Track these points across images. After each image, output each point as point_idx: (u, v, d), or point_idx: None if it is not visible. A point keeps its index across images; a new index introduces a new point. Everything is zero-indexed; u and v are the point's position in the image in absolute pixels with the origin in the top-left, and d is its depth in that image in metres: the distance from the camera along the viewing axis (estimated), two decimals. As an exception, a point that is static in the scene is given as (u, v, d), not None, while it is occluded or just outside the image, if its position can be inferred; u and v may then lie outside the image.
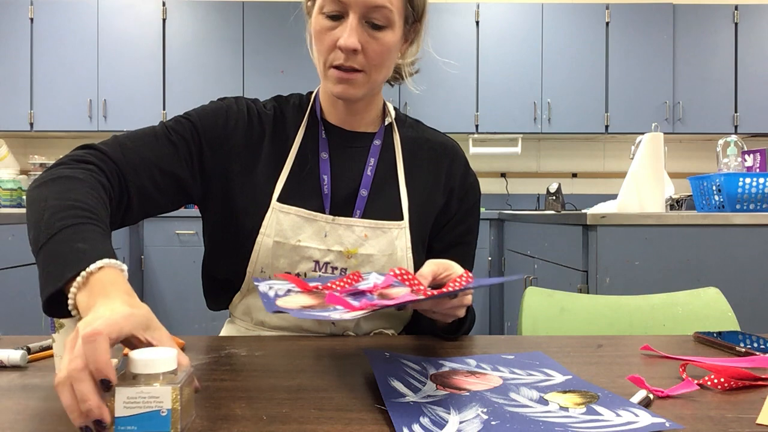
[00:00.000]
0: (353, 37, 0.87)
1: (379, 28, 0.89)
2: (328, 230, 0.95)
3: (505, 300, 3.58)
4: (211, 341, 0.86)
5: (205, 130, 0.95)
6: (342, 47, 0.87)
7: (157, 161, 0.89)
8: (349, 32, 0.87)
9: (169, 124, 0.94)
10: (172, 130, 0.92)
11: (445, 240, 1.05)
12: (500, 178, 4.50)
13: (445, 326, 0.89)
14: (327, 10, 0.88)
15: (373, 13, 0.88)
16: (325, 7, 0.89)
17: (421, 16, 0.97)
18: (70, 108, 4.00)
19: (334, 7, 0.88)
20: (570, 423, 0.52)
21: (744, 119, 4.09)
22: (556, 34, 4.09)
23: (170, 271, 3.55)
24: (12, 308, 2.23)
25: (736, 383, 0.65)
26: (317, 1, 0.90)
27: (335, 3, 0.87)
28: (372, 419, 0.55)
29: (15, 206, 3.63)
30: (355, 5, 0.87)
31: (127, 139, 0.89)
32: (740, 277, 1.87)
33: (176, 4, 4.05)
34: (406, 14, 0.93)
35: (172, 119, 0.95)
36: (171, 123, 0.94)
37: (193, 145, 0.93)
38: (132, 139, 0.89)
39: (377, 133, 1.03)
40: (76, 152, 0.84)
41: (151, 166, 0.88)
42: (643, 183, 2.14)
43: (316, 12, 0.91)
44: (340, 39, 0.87)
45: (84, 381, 0.48)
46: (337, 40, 0.88)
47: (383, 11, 0.88)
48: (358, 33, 0.88)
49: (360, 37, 0.88)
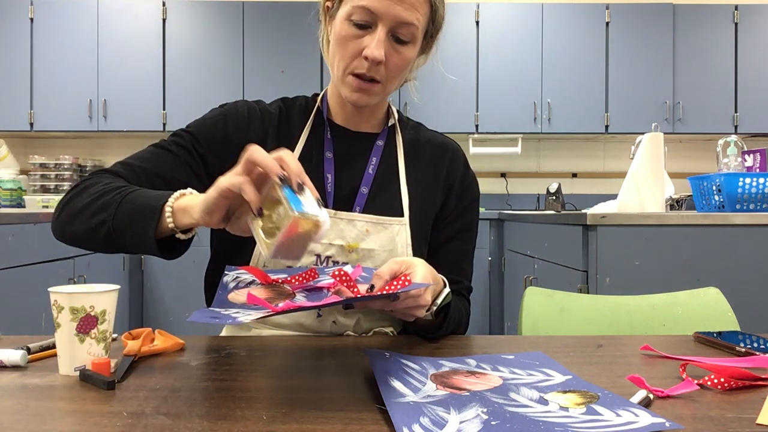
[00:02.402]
0: (380, 49, 0.89)
1: (402, 43, 0.91)
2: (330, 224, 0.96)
3: (505, 300, 3.58)
4: (211, 341, 0.86)
5: (205, 138, 0.97)
6: (369, 57, 0.89)
7: (155, 169, 0.92)
8: (376, 44, 0.88)
9: (168, 138, 0.98)
10: (171, 143, 0.96)
11: (442, 236, 1.05)
12: (500, 178, 4.50)
13: (424, 325, 0.90)
14: (356, 18, 0.89)
15: (401, 28, 0.90)
16: (354, 15, 0.89)
17: (438, 31, 0.99)
18: (70, 108, 4.00)
19: (364, 17, 0.89)
20: (570, 423, 0.52)
21: (744, 119, 4.09)
22: (556, 34, 4.09)
23: (170, 271, 3.55)
24: (12, 308, 2.23)
25: (736, 383, 0.65)
26: (344, 7, 0.91)
27: (366, 13, 0.88)
28: (372, 419, 0.55)
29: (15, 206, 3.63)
30: (386, 18, 0.88)
31: (129, 158, 0.94)
32: (740, 277, 1.87)
33: (176, 4, 4.05)
34: (426, 30, 0.96)
35: (172, 133, 0.99)
36: (170, 137, 0.98)
37: (194, 152, 0.96)
38: (133, 157, 0.94)
39: (381, 134, 1.06)
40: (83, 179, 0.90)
41: (151, 176, 0.92)
42: (643, 183, 2.14)
43: (342, 17, 0.91)
44: (367, 49, 0.89)
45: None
46: (361, 49, 0.90)
47: (410, 28, 0.90)
48: (384, 45, 0.89)
49: (385, 50, 0.90)
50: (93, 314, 0.68)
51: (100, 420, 0.54)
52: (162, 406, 0.57)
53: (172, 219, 0.75)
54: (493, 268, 3.68)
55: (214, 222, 0.70)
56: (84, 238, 0.84)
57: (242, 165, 0.66)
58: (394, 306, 0.79)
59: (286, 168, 0.65)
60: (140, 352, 0.75)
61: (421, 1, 0.90)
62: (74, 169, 3.95)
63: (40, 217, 2.42)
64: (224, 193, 0.67)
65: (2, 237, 2.20)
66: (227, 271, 0.89)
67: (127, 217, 0.79)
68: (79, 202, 0.84)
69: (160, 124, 4.03)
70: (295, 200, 0.63)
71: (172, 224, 0.75)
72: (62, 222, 0.86)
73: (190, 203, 0.74)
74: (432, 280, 0.84)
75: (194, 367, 0.73)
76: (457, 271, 1.04)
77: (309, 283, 0.86)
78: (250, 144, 0.67)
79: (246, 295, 0.78)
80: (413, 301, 0.79)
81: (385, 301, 0.78)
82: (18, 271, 2.27)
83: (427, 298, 0.81)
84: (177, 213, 0.75)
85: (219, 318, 0.70)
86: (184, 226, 0.75)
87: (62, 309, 0.67)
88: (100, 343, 0.69)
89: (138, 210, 0.78)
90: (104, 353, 0.70)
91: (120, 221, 0.79)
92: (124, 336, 0.81)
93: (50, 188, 3.87)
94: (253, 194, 0.65)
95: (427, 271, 0.83)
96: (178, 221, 0.75)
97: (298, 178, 0.65)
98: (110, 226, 0.80)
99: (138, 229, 0.77)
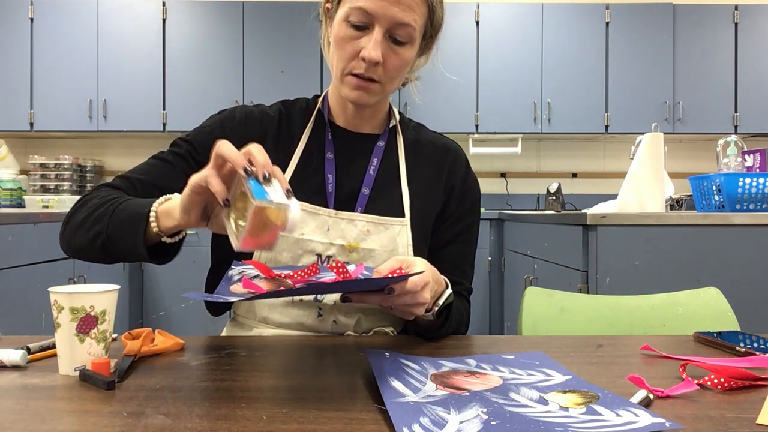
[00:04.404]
0: (377, 50, 0.89)
1: (400, 44, 0.92)
2: (330, 224, 0.96)
3: (505, 300, 3.58)
4: (211, 341, 0.86)
5: (202, 146, 0.98)
6: (366, 59, 0.89)
7: (153, 180, 0.94)
8: (373, 45, 0.89)
9: (167, 149, 1.00)
10: (169, 153, 0.98)
11: (443, 238, 1.06)
12: (500, 178, 4.50)
13: (425, 325, 0.90)
14: (353, 19, 0.90)
15: (398, 29, 0.90)
16: (351, 17, 0.90)
17: (437, 32, 0.99)
18: (70, 108, 4.00)
19: (361, 18, 0.89)
20: (570, 423, 0.52)
21: (744, 119, 4.09)
22: (556, 34, 4.09)
23: (170, 271, 3.55)
24: (12, 308, 2.23)
25: (736, 383, 0.65)
26: (342, 9, 0.92)
27: (363, 15, 0.89)
28: (372, 419, 0.55)
29: (15, 206, 3.63)
30: (383, 20, 0.89)
31: (128, 172, 0.96)
32: (740, 277, 1.87)
33: (176, 4, 4.05)
34: (425, 31, 0.96)
35: (171, 143, 1.01)
36: (169, 148, 1.00)
37: (191, 161, 0.97)
38: (132, 171, 0.96)
39: (381, 134, 1.06)
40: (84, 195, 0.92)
41: (149, 187, 0.93)
42: (643, 183, 2.14)
43: (340, 19, 0.92)
44: (364, 50, 0.89)
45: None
46: (359, 50, 0.90)
47: (407, 29, 0.91)
48: (381, 46, 0.90)
49: (383, 51, 0.90)
50: (93, 314, 0.68)
51: (100, 420, 0.54)
52: (162, 406, 0.57)
53: (156, 223, 0.77)
54: (493, 268, 3.68)
55: (193, 220, 0.71)
56: (86, 250, 0.87)
57: (212, 160, 0.67)
58: (392, 302, 0.79)
59: (253, 160, 0.66)
60: (140, 352, 0.75)
61: (418, 2, 0.91)
62: (74, 169, 3.95)
63: (40, 217, 2.42)
64: (195, 189, 0.68)
65: (2, 237, 2.20)
66: (234, 265, 0.90)
67: (119, 226, 0.81)
68: (77, 217, 0.87)
69: (160, 124, 4.03)
70: (260, 190, 0.64)
71: (157, 228, 0.77)
72: (67, 237, 0.89)
73: (171, 206, 0.76)
74: (433, 280, 0.84)
75: (194, 367, 0.73)
76: (458, 272, 1.04)
77: (311, 278, 0.86)
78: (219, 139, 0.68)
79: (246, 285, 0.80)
80: (411, 297, 0.79)
81: (382, 296, 0.78)
82: (18, 271, 2.27)
83: (425, 296, 0.80)
84: (161, 217, 0.77)
85: (212, 297, 0.72)
86: (169, 228, 0.77)
87: (62, 309, 0.67)
88: (100, 343, 0.69)
89: (127, 218, 0.80)
90: (104, 353, 0.70)
91: (113, 231, 0.81)
92: (124, 336, 0.81)
93: (50, 188, 3.87)
94: (218, 185, 0.66)
95: (428, 270, 0.83)
96: (162, 225, 0.77)
97: (264, 170, 0.66)
98: (105, 237, 0.82)
99: (129, 237, 0.79)
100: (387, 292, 0.77)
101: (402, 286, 0.77)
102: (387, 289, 0.77)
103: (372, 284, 0.78)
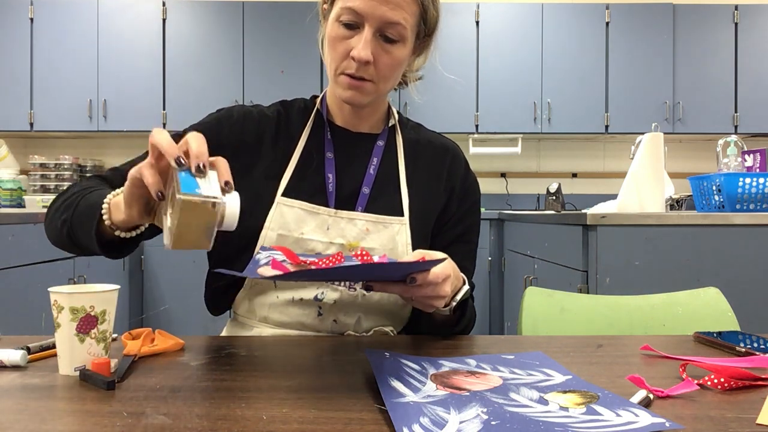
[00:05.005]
0: (367, 50, 0.89)
1: (391, 42, 0.92)
2: (330, 223, 0.97)
3: (505, 300, 3.58)
4: (211, 341, 0.86)
5: None
6: (355, 58, 0.90)
7: None
8: (363, 44, 0.89)
9: None
10: None
11: (445, 239, 1.06)
12: (500, 178, 4.50)
13: (442, 319, 0.90)
14: (344, 19, 0.90)
15: (388, 28, 0.90)
16: (342, 16, 0.90)
17: (432, 32, 0.99)
18: (70, 108, 4.00)
19: (351, 18, 0.90)
20: (570, 423, 0.52)
21: (744, 119, 4.09)
22: (556, 34, 4.09)
23: (170, 271, 3.55)
24: (12, 308, 2.23)
25: (736, 383, 0.65)
26: (334, 9, 0.92)
27: (352, 14, 0.89)
28: (372, 419, 0.55)
29: (15, 206, 3.63)
30: (372, 19, 0.89)
31: (121, 165, 0.96)
32: (740, 277, 1.87)
33: (176, 4, 4.05)
34: (418, 30, 0.96)
35: None
36: None
37: None
38: (124, 163, 0.95)
39: (381, 134, 1.06)
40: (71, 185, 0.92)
41: None
42: (643, 183, 2.14)
43: (332, 19, 0.92)
44: (354, 50, 0.90)
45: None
46: (350, 50, 0.91)
47: (398, 27, 0.91)
48: (371, 45, 0.90)
49: (373, 50, 0.90)
50: (93, 314, 0.68)
51: (100, 420, 0.54)
52: (162, 406, 0.57)
53: (108, 216, 0.76)
54: (493, 268, 3.68)
55: (136, 215, 0.70)
56: (56, 238, 0.87)
57: (150, 151, 0.65)
58: (413, 292, 0.78)
59: (188, 150, 0.64)
60: (140, 352, 0.75)
61: (409, 0, 0.91)
62: (74, 169, 3.95)
63: (40, 217, 2.42)
64: (133, 181, 0.67)
65: (2, 237, 2.20)
66: (261, 250, 0.90)
67: (80, 215, 0.80)
68: (55, 204, 0.88)
69: (160, 124, 4.02)
70: (189, 183, 0.60)
71: (108, 221, 0.76)
72: (45, 224, 0.89)
73: (120, 199, 0.73)
74: (453, 276, 0.84)
75: (194, 367, 0.73)
76: (462, 271, 1.04)
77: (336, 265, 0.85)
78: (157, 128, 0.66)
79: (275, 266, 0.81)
80: (432, 289, 0.78)
81: (404, 286, 0.77)
82: (18, 271, 2.27)
83: (446, 289, 0.80)
84: (112, 209, 0.76)
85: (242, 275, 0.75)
86: (121, 222, 0.74)
87: (62, 309, 0.67)
88: (100, 343, 0.69)
89: (87, 209, 0.79)
90: (104, 353, 0.70)
91: (75, 220, 0.81)
92: (124, 336, 0.81)
93: (50, 188, 3.87)
94: (151, 177, 0.64)
95: (448, 264, 0.82)
96: (113, 218, 0.75)
97: (198, 161, 0.63)
98: (69, 226, 0.82)
99: (86, 227, 0.78)
100: (409, 281, 0.75)
101: (424, 276, 0.76)
102: (409, 279, 0.75)
103: (396, 269, 0.77)
